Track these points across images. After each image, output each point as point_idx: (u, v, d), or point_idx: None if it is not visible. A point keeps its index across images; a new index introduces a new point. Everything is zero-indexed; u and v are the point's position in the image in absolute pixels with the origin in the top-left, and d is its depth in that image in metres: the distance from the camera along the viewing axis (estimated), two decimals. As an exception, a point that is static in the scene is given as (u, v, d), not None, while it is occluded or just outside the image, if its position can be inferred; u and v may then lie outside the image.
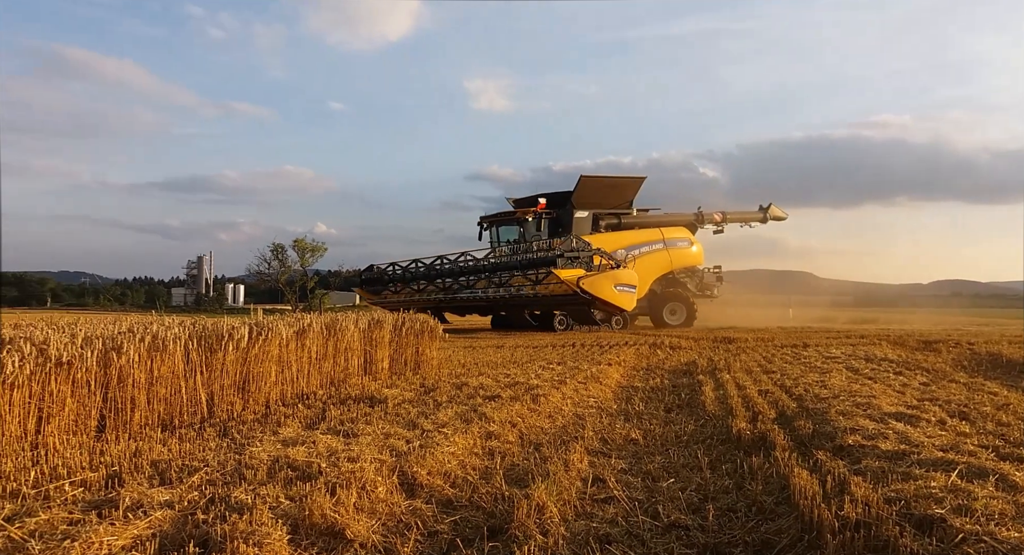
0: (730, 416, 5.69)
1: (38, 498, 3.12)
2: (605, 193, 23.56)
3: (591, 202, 23.12)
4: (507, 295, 19.46)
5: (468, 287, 20.64)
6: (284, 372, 6.55)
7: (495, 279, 20.06)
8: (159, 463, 3.80)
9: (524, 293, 19.11)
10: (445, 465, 3.90)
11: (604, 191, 23.53)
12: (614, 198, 23.91)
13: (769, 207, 28.82)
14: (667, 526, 3.13)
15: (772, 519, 3.20)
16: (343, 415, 5.47)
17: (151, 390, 5.10)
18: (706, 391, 7.28)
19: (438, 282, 21.46)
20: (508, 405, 5.77)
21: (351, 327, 7.73)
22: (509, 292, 19.42)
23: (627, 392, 7.56)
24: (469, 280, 20.71)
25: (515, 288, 19.36)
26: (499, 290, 19.65)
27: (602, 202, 23.53)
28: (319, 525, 2.89)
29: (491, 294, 19.83)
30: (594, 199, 23.21)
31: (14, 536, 2.54)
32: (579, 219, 22.88)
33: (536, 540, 2.86)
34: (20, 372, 4.18)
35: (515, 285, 19.46)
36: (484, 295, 20.02)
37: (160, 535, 2.67)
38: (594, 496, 3.55)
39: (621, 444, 4.85)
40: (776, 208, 28.92)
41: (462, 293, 20.66)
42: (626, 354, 11.83)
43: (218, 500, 3.08)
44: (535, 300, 19.36)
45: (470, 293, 20.46)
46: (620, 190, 24.15)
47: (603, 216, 23.63)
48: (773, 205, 28.87)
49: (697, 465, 4.21)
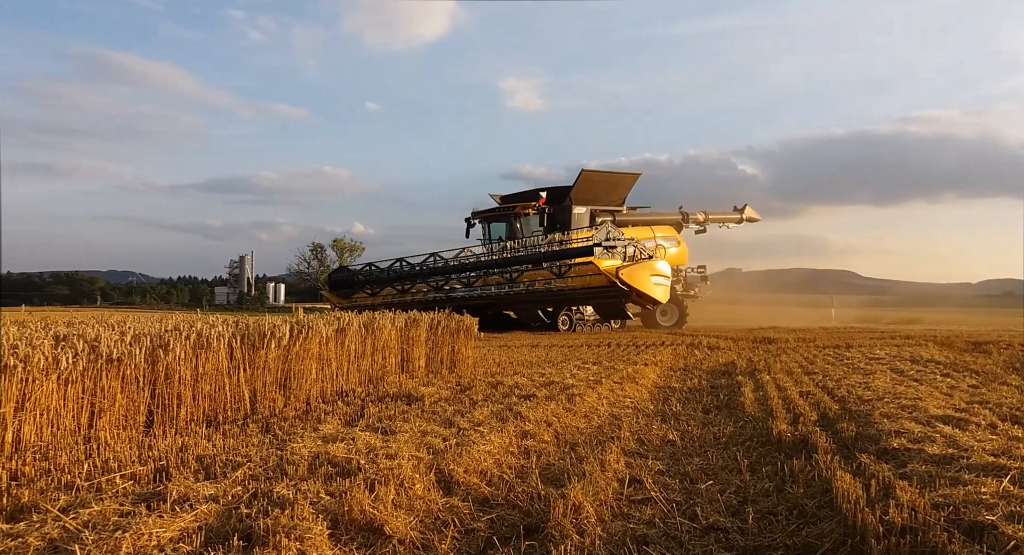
0: (770, 418, 5.59)
1: (91, 490, 3.24)
2: (603, 189, 22.91)
3: (589, 198, 22.47)
4: (523, 290, 18.48)
5: (468, 285, 19.65)
6: (324, 370, 6.66)
7: (505, 274, 19.07)
8: (204, 458, 3.90)
9: (551, 287, 17.96)
10: (481, 463, 3.92)
11: (602, 187, 22.88)
12: (610, 195, 23.28)
13: (744, 208, 27.92)
14: (705, 528, 3.10)
15: (814, 523, 3.15)
16: (381, 412, 5.54)
17: (196, 387, 5.24)
18: (745, 392, 7.17)
19: (431, 281, 20.45)
20: (543, 404, 5.77)
21: (388, 326, 7.82)
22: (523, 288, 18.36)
23: (664, 393, 7.49)
24: (469, 277, 19.72)
25: (526, 283, 18.32)
26: (512, 286, 18.54)
27: (599, 198, 22.86)
28: (358, 521, 2.94)
29: (503, 291, 18.77)
30: (591, 195, 22.55)
31: (69, 526, 2.64)
32: (577, 215, 22.13)
33: (572, 540, 2.86)
34: (74, 368, 4.34)
35: (526, 280, 18.47)
36: (495, 292, 18.94)
37: (205, 528, 2.75)
38: (631, 497, 3.54)
39: (658, 445, 4.81)
40: (751, 210, 28.06)
41: (458, 292, 19.53)
42: (663, 354, 11.72)
43: (261, 495, 3.15)
44: (558, 294, 18.40)
45: (467, 291, 19.37)
46: (617, 187, 23.47)
47: (599, 213, 22.85)
48: (748, 207, 27.98)
49: (736, 467, 4.15)
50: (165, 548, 2.54)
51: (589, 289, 17.65)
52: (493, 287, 19.12)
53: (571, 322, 21.01)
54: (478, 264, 20.19)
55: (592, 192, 22.50)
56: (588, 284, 17.48)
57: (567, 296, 18.68)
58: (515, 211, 21.79)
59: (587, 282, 17.43)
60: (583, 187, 22.14)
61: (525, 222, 21.63)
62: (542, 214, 21.32)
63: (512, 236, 21.46)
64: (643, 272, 17.65)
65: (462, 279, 20.01)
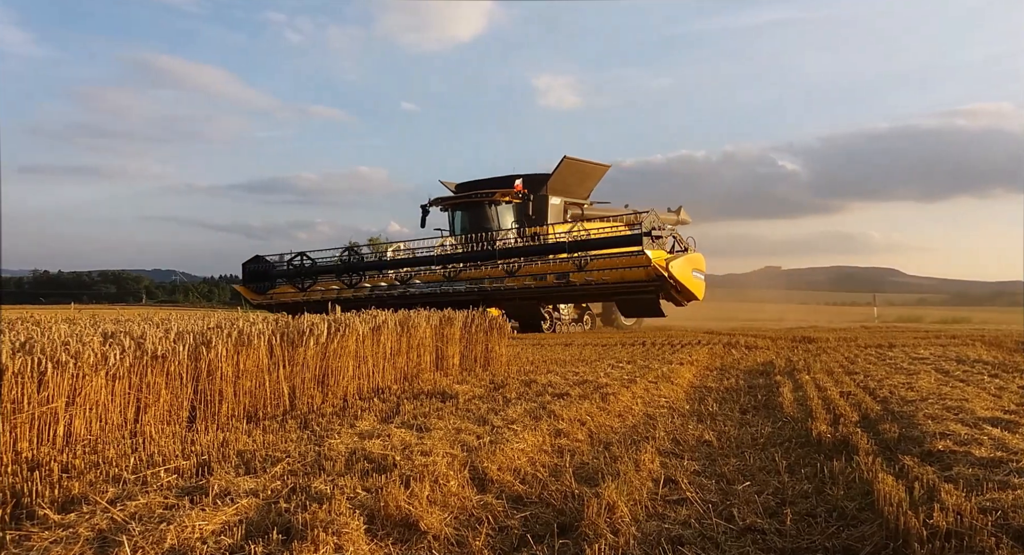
0: (809, 418, 5.49)
1: (137, 483, 3.34)
2: (576, 180, 20.92)
3: (563, 188, 20.50)
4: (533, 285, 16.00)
5: (451, 279, 16.96)
6: (360, 367, 6.75)
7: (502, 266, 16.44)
8: (244, 453, 3.99)
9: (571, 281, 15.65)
10: (515, 461, 3.93)
11: (576, 178, 20.82)
12: (581, 186, 21.38)
13: (679, 209, 26.66)
14: (742, 529, 3.06)
15: (854, 525, 3.08)
16: (416, 409, 5.60)
17: (237, 383, 5.36)
18: (784, 392, 7.05)
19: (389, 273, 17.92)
20: (577, 403, 5.76)
21: (423, 324, 7.89)
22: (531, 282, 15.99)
23: (700, 392, 7.41)
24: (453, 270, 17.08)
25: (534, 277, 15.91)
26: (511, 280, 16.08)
27: (571, 189, 20.90)
28: (394, 516, 2.97)
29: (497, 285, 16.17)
30: (565, 185, 20.56)
31: (117, 518, 2.73)
32: (554, 206, 20.03)
33: (607, 539, 2.85)
34: (121, 364, 4.48)
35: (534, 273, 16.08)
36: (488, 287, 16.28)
37: (246, 522, 2.81)
38: (666, 497, 3.51)
39: (694, 445, 4.76)
40: (684, 212, 26.80)
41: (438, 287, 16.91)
42: (699, 353, 11.58)
43: (299, 490, 3.21)
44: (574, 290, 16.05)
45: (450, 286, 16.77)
46: (588, 178, 21.45)
47: (570, 205, 20.99)
48: (682, 208, 26.71)
49: (774, 468, 4.09)
50: (207, 541, 2.60)
51: (624, 284, 15.48)
52: (486, 281, 16.47)
53: (552, 322, 19.20)
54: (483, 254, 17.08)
55: (566, 183, 20.58)
56: (623, 277, 15.30)
57: (589, 292, 16.42)
58: (492, 198, 19.23)
59: (622, 276, 15.29)
60: (561, 176, 20.10)
61: (501, 211, 19.28)
62: (526, 202, 18.99)
63: (479, 227, 18.52)
64: (688, 265, 15.82)
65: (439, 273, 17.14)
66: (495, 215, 19.25)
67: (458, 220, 20.04)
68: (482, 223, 19.05)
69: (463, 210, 19.91)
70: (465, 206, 19.89)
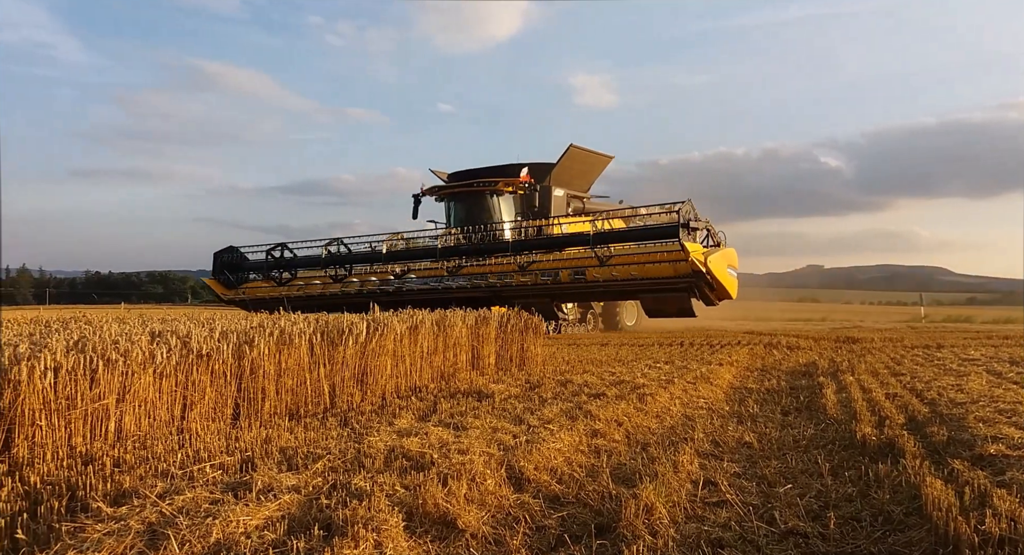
0: (854, 420, 5.36)
1: (184, 478, 3.43)
2: (580, 171, 19.18)
3: (566, 179, 18.73)
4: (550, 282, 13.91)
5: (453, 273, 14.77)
6: (398, 366, 6.83)
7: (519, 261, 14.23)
8: (287, 450, 4.07)
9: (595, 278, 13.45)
10: (551, 461, 3.93)
11: (580, 168, 19.08)
12: (584, 178, 19.64)
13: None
14: (784, 533, 3.01)
15: (901, 530, 3.00)
16: (453, 408, 5.63)
17: (279, 381, 5.47)
18: (827, 394, 6.89)
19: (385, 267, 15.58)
20: (614, 404, 5.73)
21: (459, 323, 7.94)
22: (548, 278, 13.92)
23: (740, 393, 7.30)
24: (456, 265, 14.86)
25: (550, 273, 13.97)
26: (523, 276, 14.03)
27: (573, 181, 19.11)
28: (432, 514, 3.00)
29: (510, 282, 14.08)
30: (569, 176, 18.82)
31: (165, 512, 2.82)
32: (557, 198, 18.23)
33: (645, 540, 2.83)
34: (168, 362, 4.61)
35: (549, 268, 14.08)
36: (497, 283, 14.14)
37: (288, 517, 2.87)
38: (705, 499, 3.47)
39: (734, 447, 4.69)
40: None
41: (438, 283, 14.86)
42: (739, 354, 11.41)
43: (339, 486, 3.26)
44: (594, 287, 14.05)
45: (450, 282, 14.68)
46: (591, 170, 19.68)
47: (572, 198, 19.05)
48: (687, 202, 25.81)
49: (817, 471, 4.01)
50: (251, 535, 2.66)
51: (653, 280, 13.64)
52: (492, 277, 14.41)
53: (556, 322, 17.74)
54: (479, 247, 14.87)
55: (570, 173, 18.81)
56: (651, 273, 13.44)
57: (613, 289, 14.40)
58: (495, 187, 17.08)
59: (650, 271, 13.45)
60: (566, 165, 18.31)
61: (503, 202, 17.30)
62: (531, 193, 16.95)
63: (478, 219, 16.72)
64: (723, 261, 14.06)
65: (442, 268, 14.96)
66: (496, 206, 17.18)
67: (454, 211, 17.85)
68: (481, 215, 17.06)
69: (461, 200, 17.77)
70: (463, 196, 17.69)
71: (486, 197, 17.25)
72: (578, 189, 19.39)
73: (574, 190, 19.09)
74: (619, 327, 20.97)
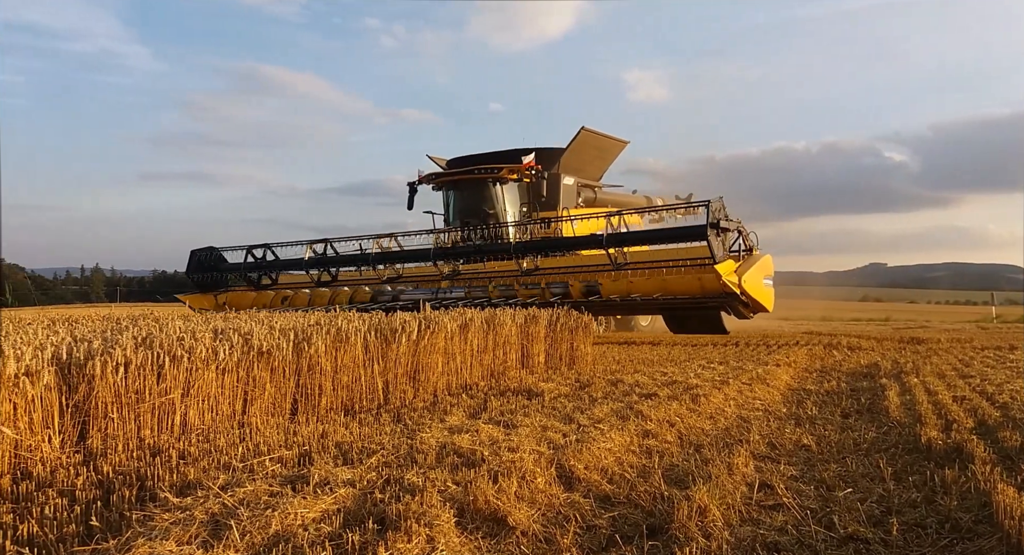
0: (918, 424, 5.16)
1: (245, 471, 3.55)
2: (591, 157, 17.39)
3: (577, 167, 16.88)
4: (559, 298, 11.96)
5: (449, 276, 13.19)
6: (449, 363, 6.90)
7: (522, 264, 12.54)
8: (342, 444, 4.17)
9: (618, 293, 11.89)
10: (602, 461, 3.91)
11: (592, 154, 17.32)
12: (596, 165, 17.86)
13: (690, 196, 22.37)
14: (843, 538, 2.92)
15: (969, 538, 2.88)
16: (503, 406, 5.66)
17: (335, 378, 5.60)
18: (890, 396, 6.65)
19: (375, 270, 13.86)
20: (666, 404, 5.66)
21: (508, 322, 7.97)
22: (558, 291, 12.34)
23: (798, 395, 7.11)
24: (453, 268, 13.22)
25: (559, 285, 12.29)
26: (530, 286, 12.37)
27: (586, 168, 17.36)
28: (483, 511, 3.03)
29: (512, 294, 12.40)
30: (580, 163, 16.98)
31: (227, 503, 2.92)
32: (566, 187, 16.40)
33: (698, 543, 2.79)
34: (230, 359, 4.78)
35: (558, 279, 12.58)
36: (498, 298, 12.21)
37: (344, 511, 2.94)
38: (761, 502, 3.40)
39: (791, 450, 4.58)
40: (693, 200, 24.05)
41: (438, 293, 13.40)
42: (797, 354, 11.11)
43: (393, 481, 3.32)
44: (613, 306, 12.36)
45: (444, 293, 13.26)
46: (604, 156, 17.91)
47: (582, 187, 17.19)
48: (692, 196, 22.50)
49: (879, 475, 3.87)
50: (309, 527, 2.74)
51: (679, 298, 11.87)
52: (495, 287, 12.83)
53: None
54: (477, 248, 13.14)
55: (581, 160, 17.02)
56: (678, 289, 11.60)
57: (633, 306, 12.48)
58: (498, 175, 15.16)
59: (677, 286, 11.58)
60: (576, 152, 16.52)
61: (507, 191, 15.39)
62: (539, 181, 15.00)
63: (479, 210, 15.17)
64: (759, 274, 12.42)
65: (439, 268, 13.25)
66: (499, 196, 15.37)
67: (453, 201, 16.14)
68: (483, 205, 15.37)
69: (460, 189, 16.01)
70: (463, 184, 15.91)
71: (488, 185, 15.39)
72: (590, 177, 17.69)
73: (585, 178, 17.36)
74: (633, 328, 19.68)
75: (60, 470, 3.57)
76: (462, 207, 15.90)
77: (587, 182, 17.45)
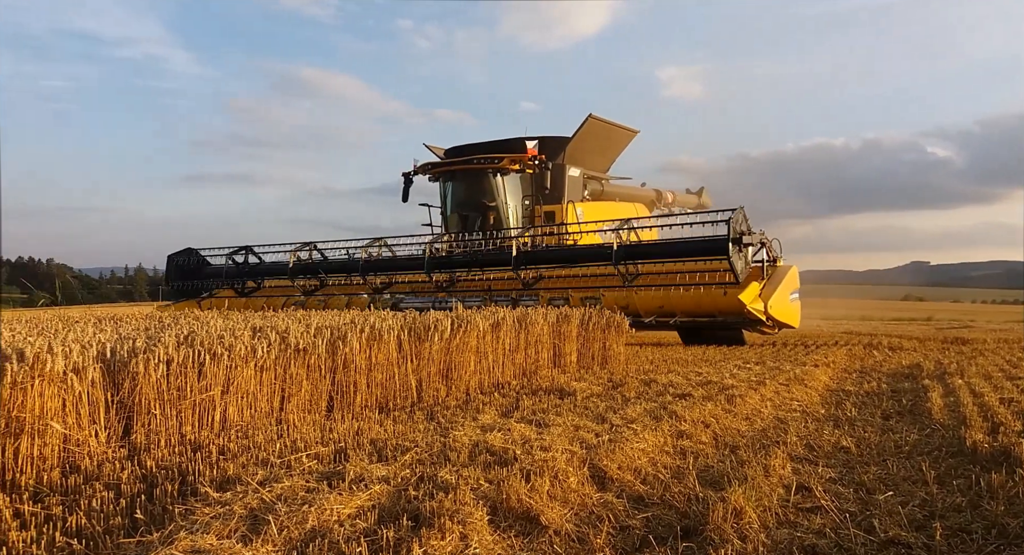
0: (963, 426, 5.02)
1: (282, 467, 3.62)
2: (599, 147, 16.21)
3: (583, 157, 15.67)
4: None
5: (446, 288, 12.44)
6: (481, 362, 6.93)
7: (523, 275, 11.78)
8: (376, 442, 4.22)
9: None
10: (635, 461, 3.89)
11: (599, 144, 16.14)
12: (603, 155, 16.64)
13: (701, 191, 21.91)
14: (884, 542, 2.86)
15: (1017, 544, 2.79)
16: (535, 405, 5.66)
17: (370, 375, 5.67)
18: (933, 397, 6.48)
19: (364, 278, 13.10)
20: (700, 404, 5.60)
21: (540, 321, 7.97)
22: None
23: (837, 396, 6.97)
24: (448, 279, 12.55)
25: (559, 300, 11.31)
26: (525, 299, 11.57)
27: (592, 159, 16.17)
28: (516, 509, 3.04)
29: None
30: (587, 153, 15.76)
31: (266, 498, 2.98)
32: (572, 178, 15.18)
33: (734, 545, 2.76)
34: (268, 356, 4.88)
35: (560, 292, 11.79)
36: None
37: (378, 507, 2.97)
38: (798, 505, 3.34)
39: (830, 452, 4.49)
40: (706, 194, 22.09)
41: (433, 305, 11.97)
42: (836, 354, 10.88)
43: (426, 478, 3.35)
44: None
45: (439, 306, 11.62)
46: (612, 146, 16.71)
47: (589, 179, 15.99)
48: (704, 190, 22.06)
49: (921, 478, 3.78)
50: (344, 523, 2.78)
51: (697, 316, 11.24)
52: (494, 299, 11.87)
53: None
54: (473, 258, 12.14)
55: (588, 150, 15.79)
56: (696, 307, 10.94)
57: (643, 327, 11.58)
58: (499, 165, 13.90)
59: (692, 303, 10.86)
60: (583, 141, 15.26)
61: (508, 183, 14.14)
62: (542, 171, 13.60)
63: (478, 203, 14.14)
64: (786, 291, 11.66)
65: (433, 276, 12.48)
66: (500, 187, 14.09)
67: (451, 193, 14.88)
68: (482, 197, 14.20)
69: (458, 180, 14.79)
70: (462, 175, 14.68)
71: (487, 176, 14.13)
72: (597, 168, 16.56)
73: (592, 169, 16.26)
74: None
75: (106, 464, 3.69)
76: (460, 199, 14.71)
77: (594, 174, 16.41)
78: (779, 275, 11.67)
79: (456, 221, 14.37)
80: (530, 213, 14.05)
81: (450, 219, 14.57)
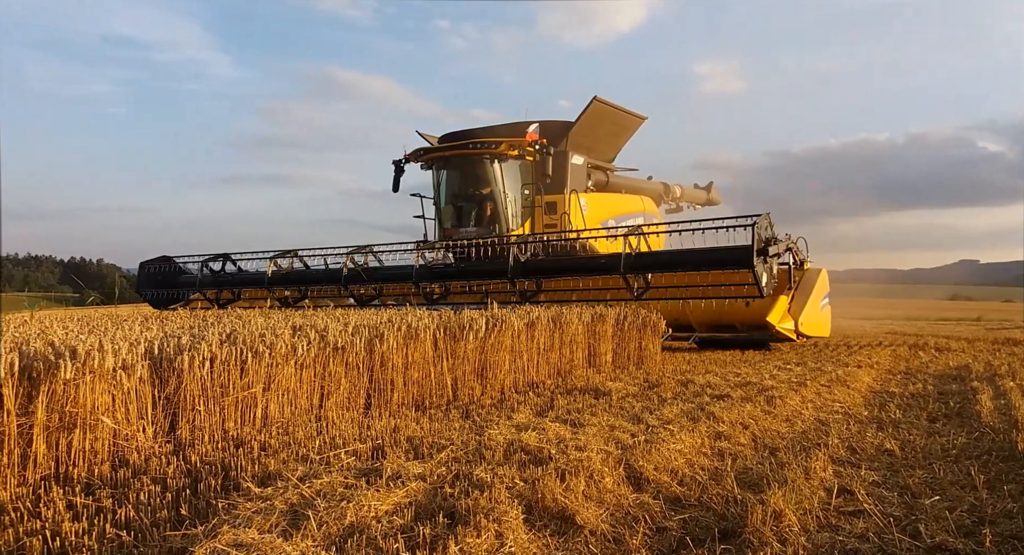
0: (1014, 429, 4.85)
1: (321, 463, 3.68)
2: (604, 133, 14.77)
3: (587, 144, 14.32)
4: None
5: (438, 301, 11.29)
6: (516, 361, 6.94)
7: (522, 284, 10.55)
8: (413, 439, 4.26)
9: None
10: (671, 462, 3.86)
11: (605, 130, 14.70)
12: (609, 143, 15.30)
13: (710, 185, 20.61)
14: (930, 548, 2.78)
15: (1073, 555, 2.69)
16: (569, 405, 5.65)
17: (406, 374, 5.73)
18: (982, 400, 6.27)
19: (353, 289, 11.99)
20: (739, 406, 5.52)
21: (575, 320, 7.95)
22: None
23: (880, 398, 6.79)
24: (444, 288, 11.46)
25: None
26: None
27: (597, 146, 14.81)
28: (551, 508, 3.04)
29: None
30: (591, 140, 14.43)
31: (305, 494, 3.04)
32: (575, 166, 13.79)
33: (773, 548, 2.72)
34: (307, 354, 4.97)
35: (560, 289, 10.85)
36: None
37: (415, 504, 3.00)
38: (840, 508, 3.27)
39: (873, 454, 4.38)
40: (715, 189, 20.81)
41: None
42: (880, 355, 10.62)
43: (462, 477, 3.37)
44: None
45: None
46: (619, 133, 15.28)
47: (593, 169, 14.68)
48: (713, 185, 20.78)
49: (969, 483, 3.66)
50: (382, 520, 2.82)
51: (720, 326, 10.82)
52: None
53: None
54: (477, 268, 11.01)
55: (593, 136, 14.42)
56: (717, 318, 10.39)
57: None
58: (496, 150, 12.51)
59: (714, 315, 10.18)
60: (587, 126, 13.89)
61: (507, 170, 12.81)
62: (544, 158, 12.35)
63: (475, 192, 13.03)
64: (817, 300, 11.16)
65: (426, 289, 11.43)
66: (498, 175, 12.75)
67: (445, 182, 13.48)
68: (478, 186, 13.04)
69: (453, 167, 13.41)
70: (456, 162, 13.27)
71: (484, 163, 12.82)
72: (602, 157, 15.24)
73: (597, 158, 14.95)
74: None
75: (153, 459, 3.81)
76: (455, 189, 13.40)
77: (599, 163, 15.10)
78: (808, 282, 10.87)
79: (450, 213, 13.20)
80: (530, 203, 12.96)
81: (444, 211, 13.31)
